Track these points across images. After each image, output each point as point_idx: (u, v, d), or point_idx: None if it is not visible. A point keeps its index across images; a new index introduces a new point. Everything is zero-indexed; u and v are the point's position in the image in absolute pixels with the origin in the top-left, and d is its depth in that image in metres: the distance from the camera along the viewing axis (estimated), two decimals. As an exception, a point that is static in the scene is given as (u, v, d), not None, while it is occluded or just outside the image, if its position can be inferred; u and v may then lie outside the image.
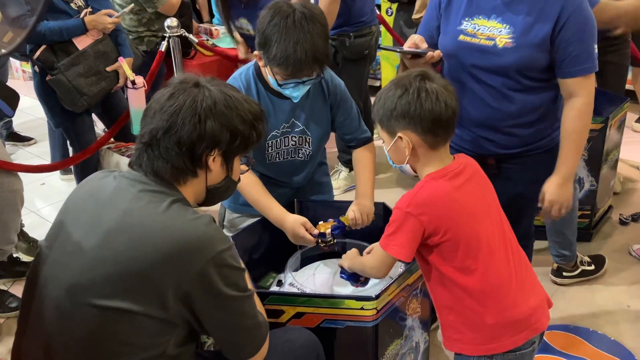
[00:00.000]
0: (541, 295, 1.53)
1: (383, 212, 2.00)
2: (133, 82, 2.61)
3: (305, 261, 1.96)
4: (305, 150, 1.95)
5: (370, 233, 1.98)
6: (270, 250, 1.96)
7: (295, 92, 1.77)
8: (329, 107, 1.94)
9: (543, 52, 1.73)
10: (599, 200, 2.82)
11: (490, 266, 1.42)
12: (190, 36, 3.18)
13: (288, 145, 1.92)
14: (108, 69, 2.73)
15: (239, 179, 1.43)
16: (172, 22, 3.08)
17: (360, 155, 2.00)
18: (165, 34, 3.05)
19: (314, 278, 1.86)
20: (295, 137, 1.91)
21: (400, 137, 1.42)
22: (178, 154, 1.26)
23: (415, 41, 1.79)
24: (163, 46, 3.08)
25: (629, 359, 2.18)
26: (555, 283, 2.59)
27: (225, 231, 2.06)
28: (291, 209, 2.00)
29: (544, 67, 1.76)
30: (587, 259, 2.64)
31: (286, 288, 1.79)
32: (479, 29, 1.77)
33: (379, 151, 4.28)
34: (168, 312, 1.20)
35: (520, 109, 1.80)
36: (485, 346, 1.45)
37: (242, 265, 1.31)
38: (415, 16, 3.52)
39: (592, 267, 2.63)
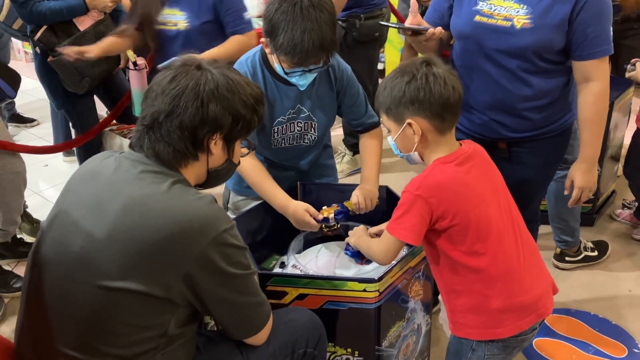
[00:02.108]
0: (547, 280, 1.53)
1: (386, 195, 1.99)
2: (135, 64, 2.59)
3: (308, 244, 1.96)
4: (310, 136, 1.94)
5: (374, 218, 1.99)
6: (273, 232, 1.96)
7: (302, 80, 1.76)
8: (335, 93, 1.92)
9: (560, 34, 1.71)
10: (602, 184, 2.81)
11: (499, 250, 1.42)
12: None
13: (294, 130, 1.91)
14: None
15: (239, 162, 1.43)
16: None
17: (367, 142, 2.00)
18: None
19: (317, 260, 1.87)
20: (301, 123, 1.91)
21: (410, 124, 1.42)
22: (180, 137, 1.25)
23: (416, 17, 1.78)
24: None
25: (630, 343, 2.19)
26: (558, 267, 2.60)
27: (229, 214, 2.06)
28: (295, 192, 2.01)
29: (559, 49, 1.74)
30: (590, 244, 2.64)
31: (289, 270, 1.79)
32: (495, 9, 1.75)
33: (383, 135, 4.25)
34: (171, 292, 1.20)
35: (535, 92, 1.78)
36: (491, 330, 1.45)
37: (244, 244, 1.31)
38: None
39: (595, 253, 2.63)
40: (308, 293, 1.61)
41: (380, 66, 4.86)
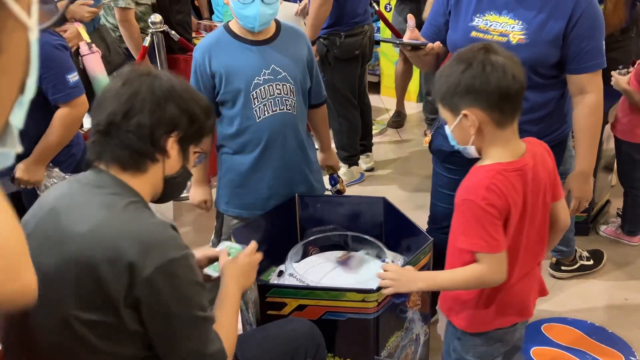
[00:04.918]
0: (536, 280, 1.56)
1: (383, 207, 2.01)
2: (89, 45, 2.50)
3: (306, 253, 1.98)
4: (290, 101, 1.92)
5: (372, 229, 2.01)
6: (272, 244, 1.97)
7: (254, 10, 1.78)
8: (305, 57, 1.97)
9: (555, 48, 1.75)
10: (597, 194, 2.84)
11: (517, 260, 1.43)
12: (172, 32, 3.18)
13: (273, 94, 1.89)
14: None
15: (192, 174, 1.41)
16: (155, 18, 3.10)
17: (321, 114, 2.15)
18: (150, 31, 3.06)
19: (315, 269, 1.88)
20: (279, 85, 1.90)
21: (465, 115, 1.34)
22: (138, 137, 1.22)
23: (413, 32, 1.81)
24: (146, 41, 3.10)
25: (626, 351, 2.21)
26: (554, 277, 2.62)
27: (224, 238, 2.06)
28: (292, 204, 2.02)
29: (554, 64, 1.78)
30: (585, 253, 2.67)
31: (286, 278, 1.81)
32: (491, 25, 1.78)
33: (379, 148, 4.31)
34: (122, 319, 1.16)
35: (531, 105, 1.81)
36: (484, 324, 1.48)
37: (200, 279, 1.24)
38: (425, 15, 3.55)
39: (591, 262, 2.65)
40: (307, 304, 1.62)
41: (374, 79, 4.92)
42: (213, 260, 1.56)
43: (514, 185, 1.36)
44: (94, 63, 2.59)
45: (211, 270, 1.53)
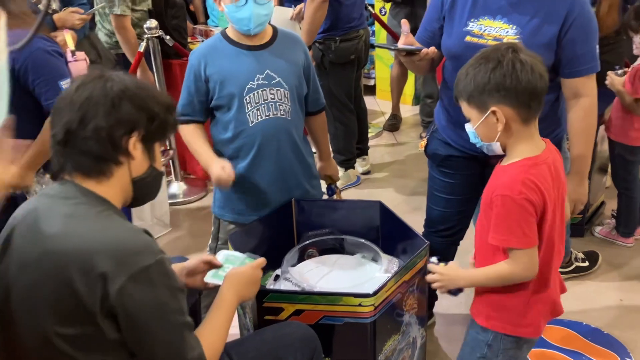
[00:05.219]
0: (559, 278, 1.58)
1: (379, 211, 2.02)
2: (73, 53, 2.48)
3: (302, 257, 1.99)
4: (284, 106, 1.92)
5: (369, 230, 2.02)
6: (268, 249, 1.98)
7: (248, 11, 1.79)
8: (302, 63, 1.97)
9: (549, 52, 1.76)
10: (591, 196, 2.85)
11: (553, 254, 1.45)
12: (167, 37, 3.20)
13: (267, 99, 1.89)
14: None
15: (162, 171, 1.38)
16: (151, 23, 3.12)
17: (319, 121, 2.13)
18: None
19: (311, 273, 1.89)
20: (273, 90, 1.90)
21: (494, 112, 1.38)
22: (97, 141, 1.20)
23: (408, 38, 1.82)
24: (142, 47, 3.11)
25: (622, 352, 2.22)
26: (550, 278, 2.63)
27: (220, 243, 2.06)
28: (289, 209, 2.03)
29: (548, 68, 1.79)
30: (581, 255, 2.68)
31: (282, 282, 1.81)
32: (485, 30, 1.79)
33: (375, 151, 4.32)
34: (101, 329, 1.16)
35: None
36: (527, 325, 1.49)
37: (177, 284, 1.23)
38: None
39: (586, 264, 2.67)
40: (304, 309, 1.63)
41: (370, 82, 4.94)
42: (212, 266, 1.56)
43: (546, 178, 1.40)
44: (77, 71, 2.59)
45: (212, 279, 1.53)
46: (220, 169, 1.83)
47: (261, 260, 1.53)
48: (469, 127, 1.46)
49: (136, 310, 1.15)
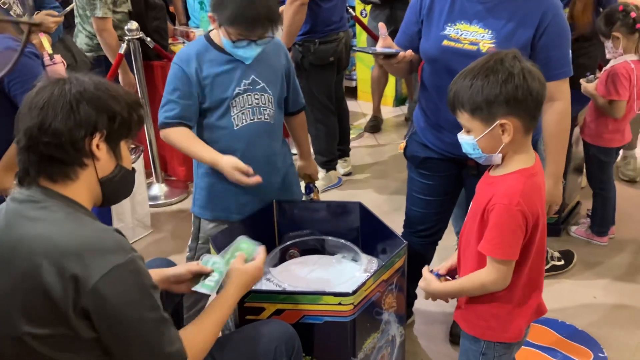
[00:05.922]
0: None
1: (360, 212, 2.05)
2: (51, 56, 2.46)
3: (283, 258, 2.01)
4: (268, 110, 1.97)
5: (349, 230, 2.05)
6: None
7: (248, 53, 1.84)
8: (284, 67, 2.01)
9: (524, 57, 1.80)
10: (567, 196, 2.92)
11: (534, 264, 1.46)
12: (148, 39, 3.20)
13: (252, 103, 1.94)
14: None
15: (134, 169, 1.37)
16: (132, 25, 3.12)
17: (299, 121, 2.17)
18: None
19: (292, 273, 1.91)
20: (258, 95, 1.94)
21: (502, 124, 1.35)
22: (58, 145, 1.19)
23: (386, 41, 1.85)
24: (123, 49, 3.11)
25: (595, 348, 2.27)
26: (526, 277, 2.68)
27: (201, 243, 2.07)
28: (270, 210, 2.06)
29: None
30: (557, 254, 2.74)
31: (263, 282, 1.83)
32: (462, 34, 1.83)
33: (356, 152, 4.33)
34: (75, 329, 1.16)
35: None
36: (517, 329, 1.51)
37: (150, 281, 1.22)
38: None
39: (562, 263, 2.73)
40: (285, 308, 1.65)
41: (352, 84, 4.97)
42: (198, 275, 1.56)
43: (541, 188, 1.42)
44: (56, 74, 2.56)
45: (201, 288, 1.52)
46: (234, 159, 1.85)
47: (263, 256, 1.59)
48: (466, 138, 1.42)
49: (110, 309, 1.16)
